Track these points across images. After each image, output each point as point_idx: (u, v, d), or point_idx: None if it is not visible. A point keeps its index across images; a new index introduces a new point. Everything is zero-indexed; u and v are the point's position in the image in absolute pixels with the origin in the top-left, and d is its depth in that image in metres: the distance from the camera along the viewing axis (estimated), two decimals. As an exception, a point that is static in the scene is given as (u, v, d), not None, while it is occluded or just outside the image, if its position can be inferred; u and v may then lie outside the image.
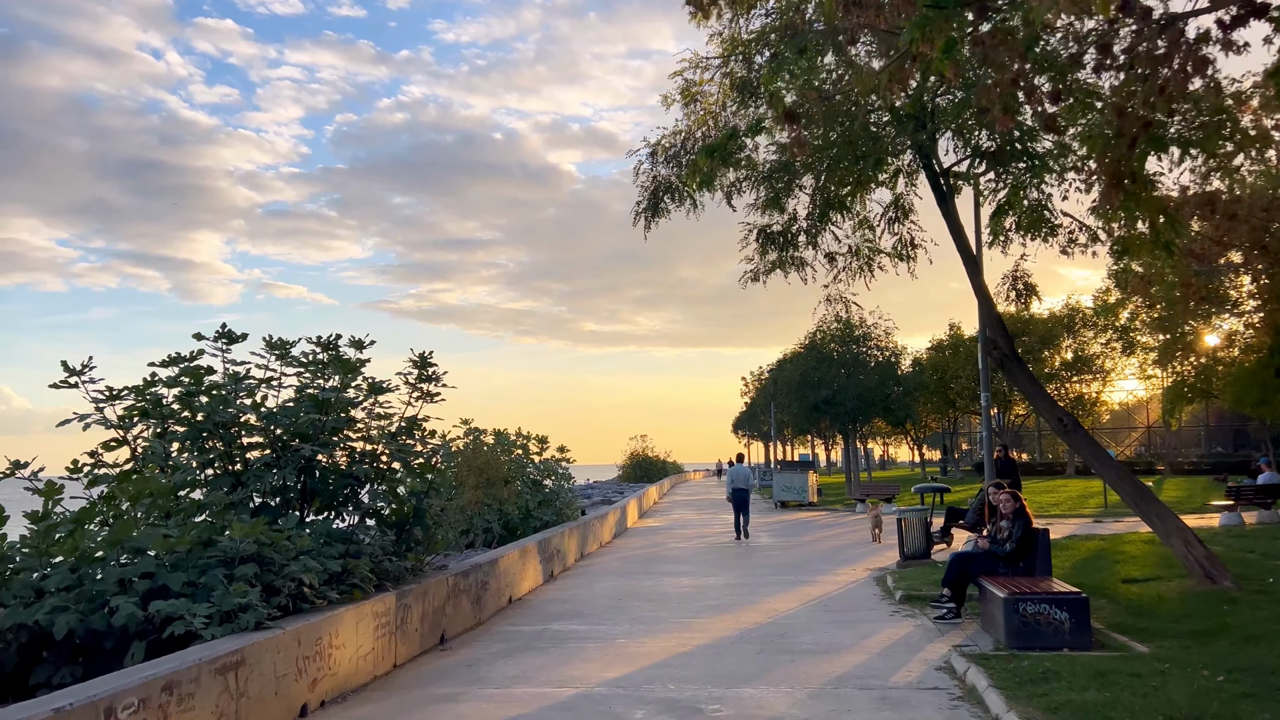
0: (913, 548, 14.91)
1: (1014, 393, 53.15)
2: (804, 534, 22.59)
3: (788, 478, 33.71)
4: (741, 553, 18.42)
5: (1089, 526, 21.34)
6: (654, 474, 64.96)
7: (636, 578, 14.76)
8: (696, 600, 12.23)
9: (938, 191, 12.20)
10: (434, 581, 9.61)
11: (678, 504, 40.36)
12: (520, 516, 17.81)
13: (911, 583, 12.54)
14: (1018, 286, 11.99)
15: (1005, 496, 10.30)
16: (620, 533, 23.77)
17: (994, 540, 10.22)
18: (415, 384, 10.21)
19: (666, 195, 12.18)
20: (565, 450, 19.53)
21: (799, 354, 36.24)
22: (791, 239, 12.76)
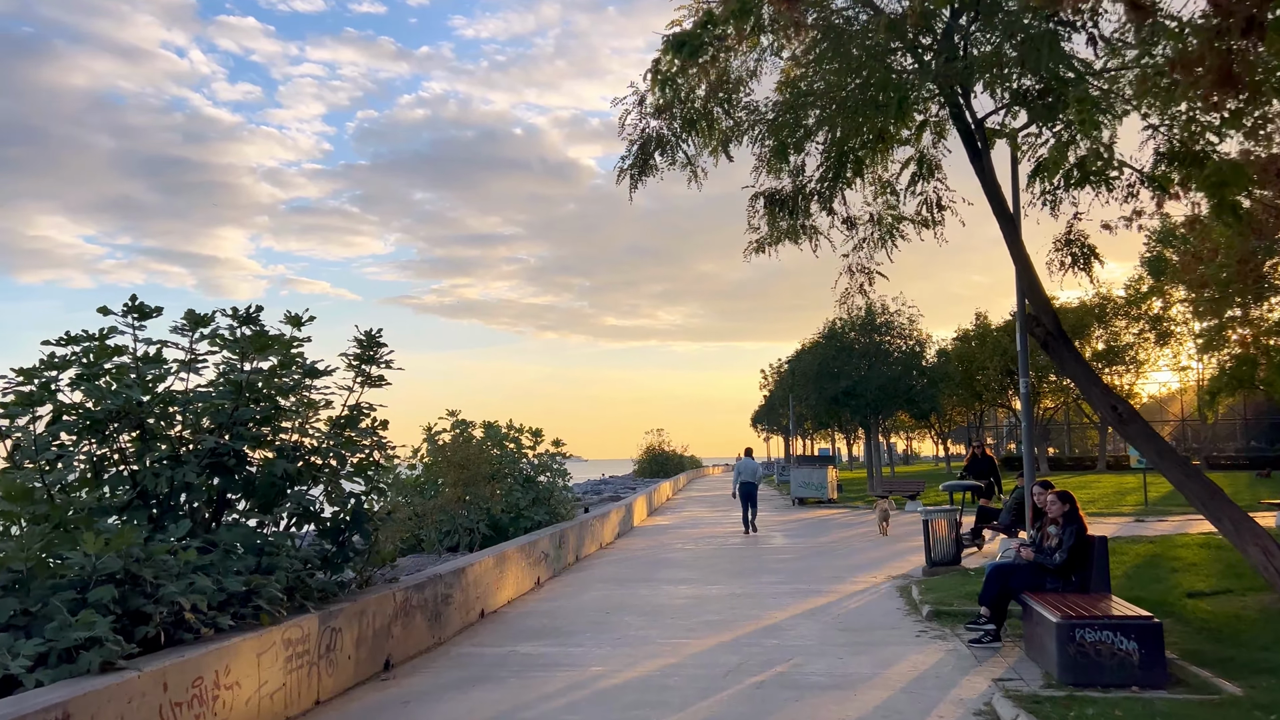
0: (941, 553, 13.32)
1: (1043, 383, 51.31)
2: (821, 534, 21.00)
3: (806, 473, 32.07)
4: (750, 555, 16.88)
5: (1131, 526, 19.64)
6: (670, 469, 63.39)
7: (631, 586, 13.27)
8: (694, 614, 10.71)
9: (970, 146, 10.57)
10: (376, 598, 8.15)
11: (691, 500, 38.84)
12: (510, 517, 16.35)
13: (940, 594, 10.97)
14: (1074, 250, 10.32)
15: (1053, 497, 8.71)
16: (625, 532, 22.29)
17: (1040, 549, 8.63)
18: (359, 366, 8.75)
19: (657, 151, 10.63)
20: (561, 444, 18.04)
21: (818, 343, 34.53)
22: (803, 202, 11.17)
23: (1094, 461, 54.90)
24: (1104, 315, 51.06)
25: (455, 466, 14.82)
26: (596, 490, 45.85)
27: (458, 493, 14.58)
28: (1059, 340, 10.29)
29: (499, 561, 11.71)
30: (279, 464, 7.81)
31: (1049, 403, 54.55)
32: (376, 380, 8.77)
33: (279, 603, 6.76)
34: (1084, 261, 10.54)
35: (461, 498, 14.61)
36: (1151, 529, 18.92)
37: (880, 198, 12.45)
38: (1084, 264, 10.54)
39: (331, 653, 7.33)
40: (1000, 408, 57.80)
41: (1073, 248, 10.53)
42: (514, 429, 17.78)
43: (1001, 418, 71.72)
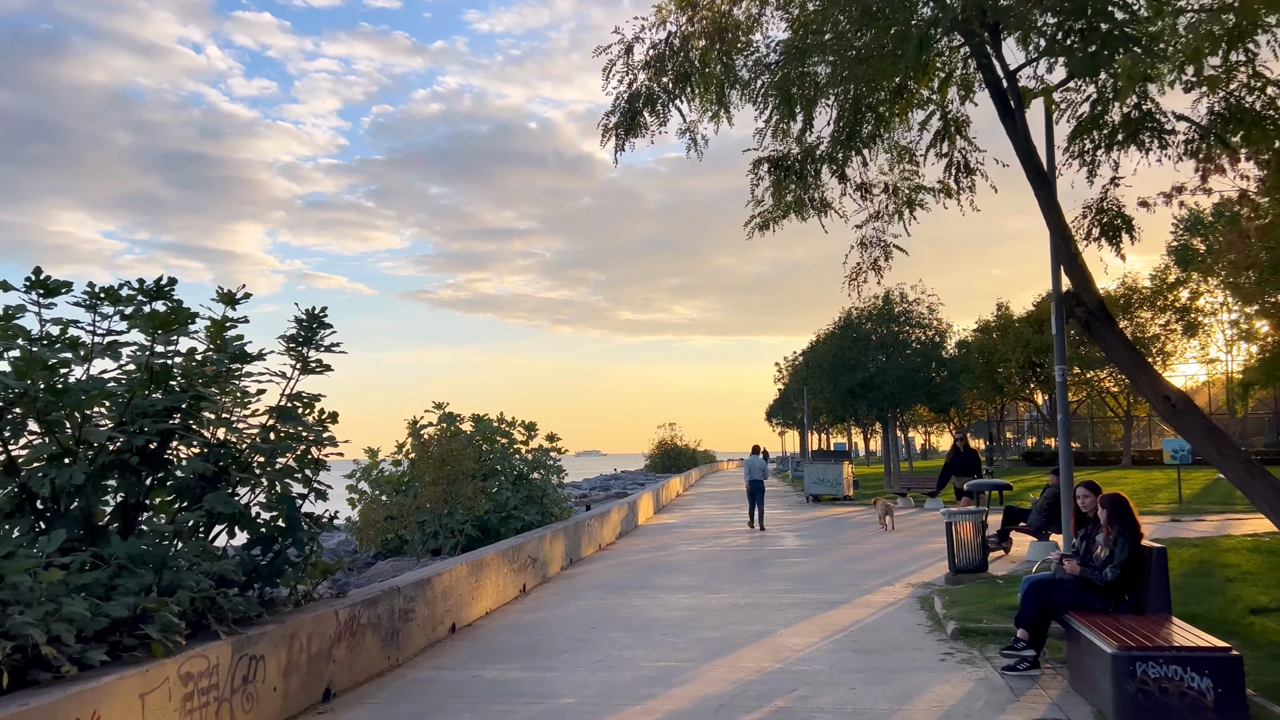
0: (966, 559, 12.10)
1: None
2: (835, 535, 19.78)
3: (820, 469, 30.80)
4: (758, 558, 15.70)
5: (1168, 527, 18.31)
6: (683, 464, 62.24)
7: (625, 594, 12.12)
8: (689, 630, 9.55)
9: (1000, 103, 9.33)
10: (312, 617, 7.03)
11: (703, 496, 37.66)
12: (499, 517, 15.24)
13: (967, 608, 9.75)
14: (1103, 220, 9.05)
15: (1101, 501, 7.49)
16: (627, 531, 21.14)
17: (1086, 562, 7.42)
18: (298, 351, 7.62)
19: (647, 108, 9.44)
20: (556, 439, 16.90)
21: (833, 334, 33.18)
22: (812, 167, 9.95)
23: (1118, 457, 53.32)
24: (1129, 306, 49.48)
25: (435, 463, 13.70)
26: (605, 486, 44.82)
27: (437, 492, 13.47)
28: (1103, 321, 9.05)
29: (475, 569, 10.58)
30: (194, 463, 6.70)
31: (1071, 396, 53.00)
32: (316, 366, 7.65)
33: (175, 629, 5.63)
34: (1115, 233, 9.25)
35: (441, 497, 13.50)
36: (1190, 529, 17.62)
37: (898, 166, 11.25)
38: (1115, 235, 9.25)
39: (250, 685, 6.20)
40: (1023, 401, 56.29)
41: (1104, 216, 9.24)
42: (505, 423, 16.66)
43: (1023, 412, 70.11)
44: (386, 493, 15.17)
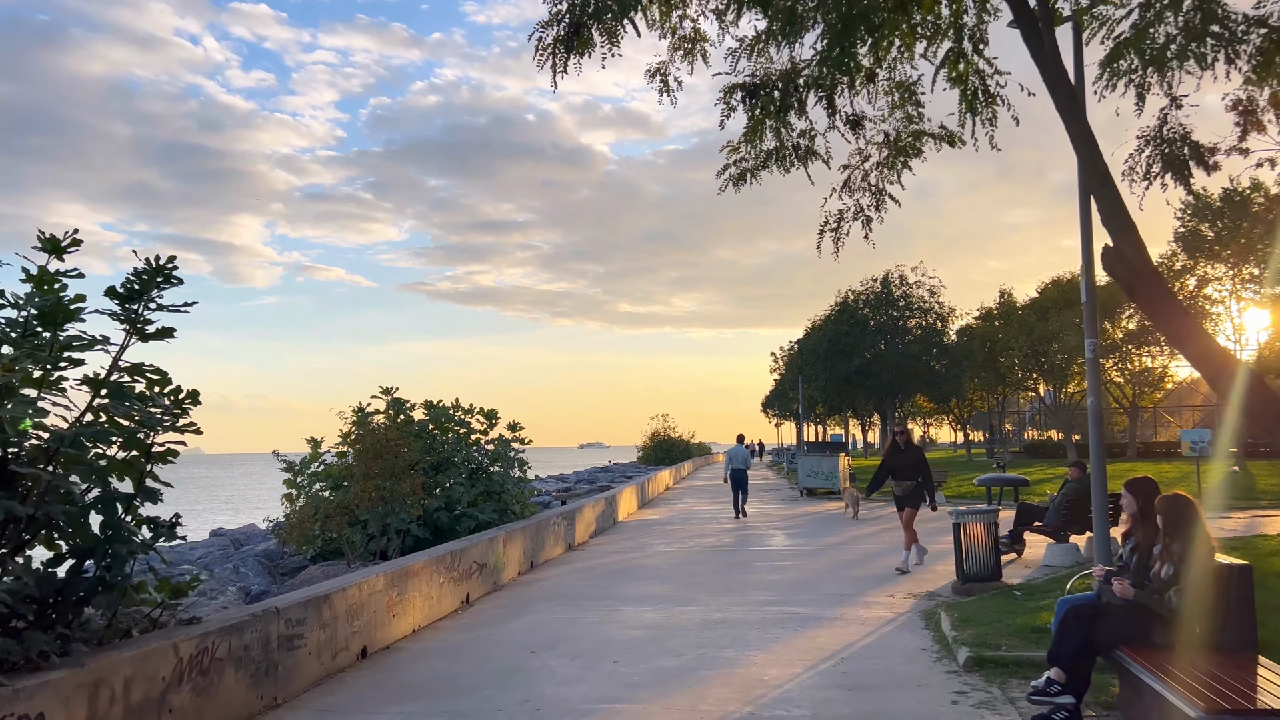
0: (976, 566, 10.46)
1: (1070, 366, 48.19)
2: (828, 533, 18.15)
3: (814, 461, 29.15)
4: (741, 560, 14.05)
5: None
6: (676, 456, 60.47)
7: (582, 606, 10.48)
8: (647, 655, 7.92)
9: (1024, 23, 7.67)
10: (131, 656, 5.37)
11: (692, 490, 36.02)
12: (450, 516, 13.59)
13: (981, 629, 8.11)
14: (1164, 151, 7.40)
15: (1157, 504, 5.85)
16: (604, 529, 19.51)
17: (1140, 581, 5.78)
18: (130, 310, 5.96)
19: (593, 22, 7.76)
20: (519, 429, 15.24)
21: (828, 318, 31.43)
22: (796, 95, 8.29)
23: (1123, 449, 51.71)
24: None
25: (368, 456, 12.05)
26: (592, 479, 43.14)
27: (369, 488, 11.81)
28: (1151, 281, 7.39)
29: (397, 580, 8.92)
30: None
31: (1074, 386, 51.41)
32: (155, 330, 5.98)
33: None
34: (1180, 165, 7.58)
35: (374, 494, 11.84)
36: (1218, 528, 16.00)
37: (897, 111, 9.60)
38: (1181, 168, 7.59)
39: (20, 756, 4.56)
40: (1026, 391, 54.72)
41: (1166, 146, 7.57)
42: (462, 410, 15.00)
43: (1024, 403, 68.55)
44: (328, 488, 13.52)
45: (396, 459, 12.03)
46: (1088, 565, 11.98)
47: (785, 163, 9.61)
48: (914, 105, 9.49)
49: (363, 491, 11.70)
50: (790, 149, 9.56)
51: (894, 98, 9.49)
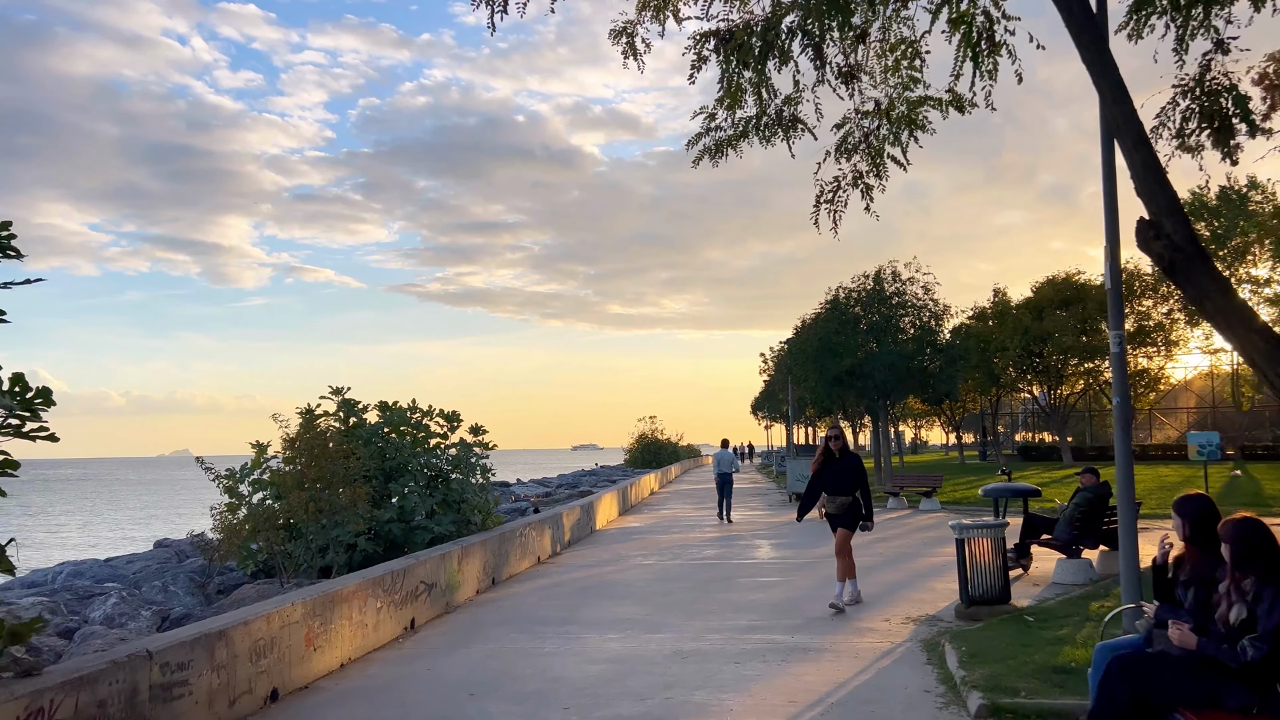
0: (983, 586, 9.32)
1: (1065, 367, 47.17)
2: (818, 543, 16.99)
3: (804, 465, 27.89)
4: (722, 575, 12.89)
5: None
6: (664, 459, 59.38)
7: (540, 633, 9.31)
8: (603, 701, 6.75)
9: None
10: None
11: (677, 495, 34.85)
12: (403, 528, 12.39)
13: (993, 667, 6.95)
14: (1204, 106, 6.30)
15: (1223, 531, 4.72)
16: (580, 539, 18.34)
17: (1203, 626, 4.64)
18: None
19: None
20: (482, 432, 14.04)
21: (819, 316, 30.30)
22: (779, 44, 7.15)
23: (1118, 451, 50.78)
24: (1131, 293, 46.95)
25: (303, 462, 10.85)
26: (574, 483, 41.95)
27: (302, 498, 10.62)
28: (1195, 259, 6.25)
29: (319, 607, 7.73)
30: None
31: (1068, 388, 50.40)
32: (-30, 311, 4.81)
33: None
34: (1223, 123, 6.46)
35: (307, 505, 10.65)
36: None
37: (894, 74, 8.48)
38: (1224, 126, 6.47)
39: None
40: (1021, 392, 53.72)
41: (1208, 100, 6.45)
42: (420, 411, 13.80)
43: (1018, 404, 67.56)
44: (272, 497, 12.31)
45: (336, 466, 10.84)
46: (1103, 583, 10.86)
47: (768, 132, 8.48)
48: (913, 67, 8.38)
49: (295, 503, 10.51)
50: (774, 116, 8.43)
51: (888, 60, 8.39)
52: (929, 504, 23.40)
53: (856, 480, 10.20)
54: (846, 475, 10.18)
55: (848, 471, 10.20)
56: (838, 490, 10.18)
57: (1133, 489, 7.76)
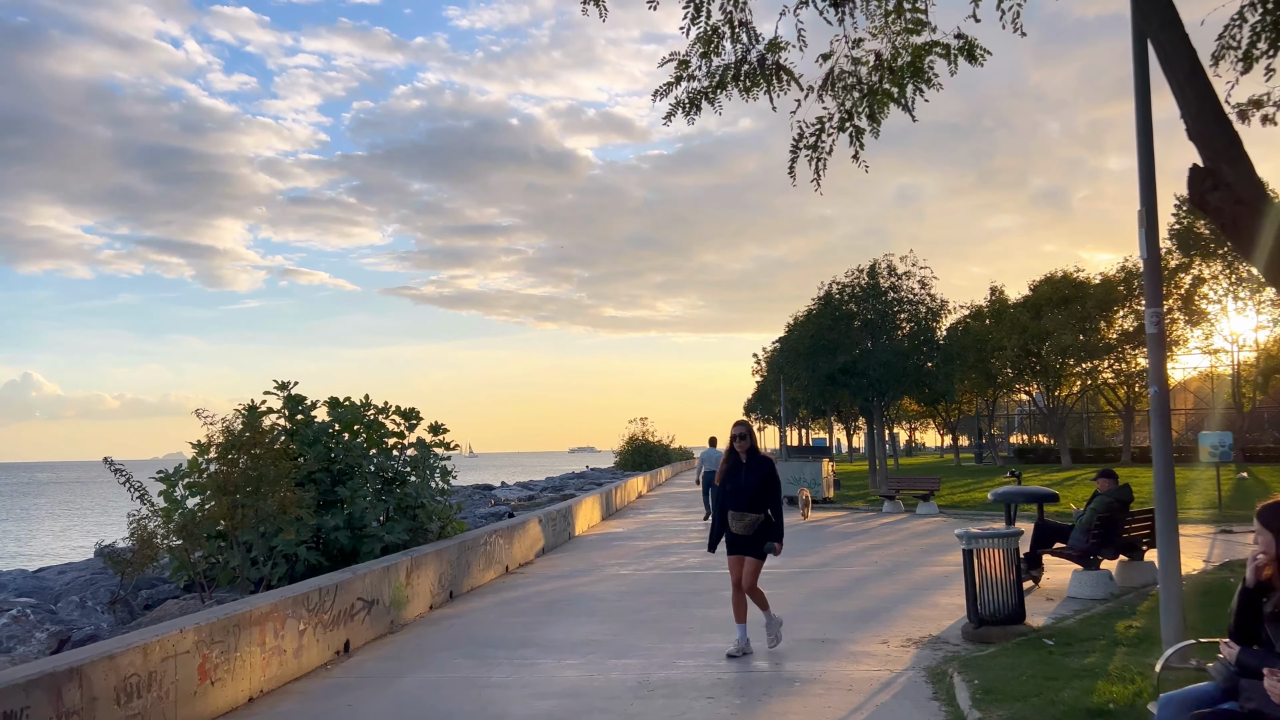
0: (994, 604, 8.19)
1: (1064, 368, 46.10)
2: (809, 551, 15.89)
3: (796, 467, 26.86)
4: (703, 589, 11.75)
5: (1227, 545, 14.57)
6: (655, 460, 58.27)
7: (491, 658, 8.16)
8: (546, 749, 5.60)
9: None
10: None
11: (665, 498, 33.71)
12: (349, 536, 11.23)
13: (1014, 707, 5.82)
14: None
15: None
16: (555, 545, 17.20)
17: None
18: None
19: None
20: (442, 431, 12.90)
21: (811, 313, 29.14)
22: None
23: (1117, 453, 49.79)
24: (1130, 292, 45.97)
25: (227, 464, 9.69)
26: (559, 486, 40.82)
27: (224, 504, 9.47)
28: (1259, 212, 5.15)
29: (219, 632, 6.57)
30: None
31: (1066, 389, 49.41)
32: None
33: None
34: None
35: (229, 513, 9.50)
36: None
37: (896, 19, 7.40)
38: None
39: None
40: (1018, 393, 52.70)
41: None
42: (374, 408, 12.65)
43: (1014, 406, 66.58)
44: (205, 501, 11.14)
45: (264, 468, 9.68)
46: (1126, 598, 9.74)
47: (749, 82, 7.37)
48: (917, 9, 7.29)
49: (217, 510, 9.37)
50: (755, 64, 7.32)
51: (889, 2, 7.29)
52: (926, 508, 22.30)
53: (769, 492, 7.84)
54: (756, 486, 7.78)
55: (757, 481, 7.79)
56: (745, 505, 7.77)
57: (1173, 493, 6.66)
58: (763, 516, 7.83)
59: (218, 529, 10.40)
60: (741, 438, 7.91)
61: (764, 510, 7.83)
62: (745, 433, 7.95)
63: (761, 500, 7.81)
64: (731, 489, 7.88)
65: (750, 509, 7.80)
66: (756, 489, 7.80)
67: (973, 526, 9.32)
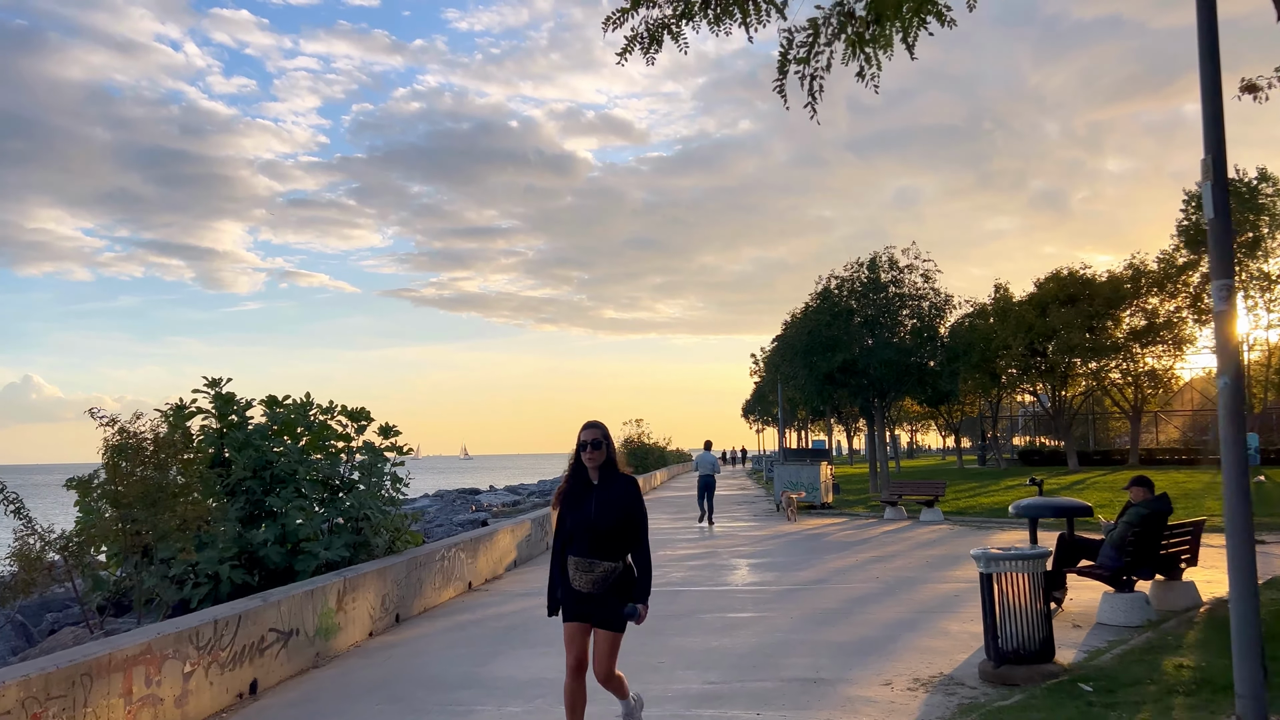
0: (1018, 638, 6.89)
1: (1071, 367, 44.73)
2: (804, 564, 14.59)
3: (792, 471, 25.56)
4: (682, 613, 10.44)
5: (1269, 560, 13.25)
6: (650, 463, 56.93)
7: (421, 707, 6.87)
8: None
9: None
10: None
11: (660, 503, 32.40)
12: (280, 552, 9.93)
13: (1055, 787, 4.51)
14: None
15: None
16: (530, 556, 15.90)
17: None
18: None
19: None
20: (393, 434, 11.61)
21: (809, 308, 27.78)
22: None
23: (1123, 455, 48.49)
24: (1138, 290, 44.69)
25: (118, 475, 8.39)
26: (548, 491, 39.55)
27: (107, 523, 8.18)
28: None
29: (60, 684, 5.28)
30: None
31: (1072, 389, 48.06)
32: None
33: None
34: None
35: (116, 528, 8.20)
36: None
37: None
38: None
39: None
40: (1025, 393, 51.37)
41: None
42: (318, 408, 11.37)
43: (1017, 407, 65.22)
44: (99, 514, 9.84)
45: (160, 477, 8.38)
46: (1168, 625, 8.43)
47: (719, 10, 6.07)
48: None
49: (101, 526, 8.08)
50: None
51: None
52: (930, 514, 20.98)
53: (630, 526, 5.25)
54: (611, 518, 5.18)
55: (614, 511, 5.19)
56: (592, 547, 5.17)
57: (1248, 505, 5.37)
58: (620, 565, 5.18)
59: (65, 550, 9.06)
60: (595, 446, 5.20)
61: (621, 556, 5.20)
62: (599, 439, 5.23)
63: (619, 540, 5.17)
64: (575, 523, 5.18)
65: (600, 553, 5.12)
66: (611, 523, 5.14)
67: (988, 543, 8.02)
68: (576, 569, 5.17)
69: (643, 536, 5.29)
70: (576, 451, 5.29)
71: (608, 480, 5.26)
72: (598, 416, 5.47)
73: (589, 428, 5.28)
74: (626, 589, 5.21)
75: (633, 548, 5.25)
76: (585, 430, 5.27)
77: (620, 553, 5.20)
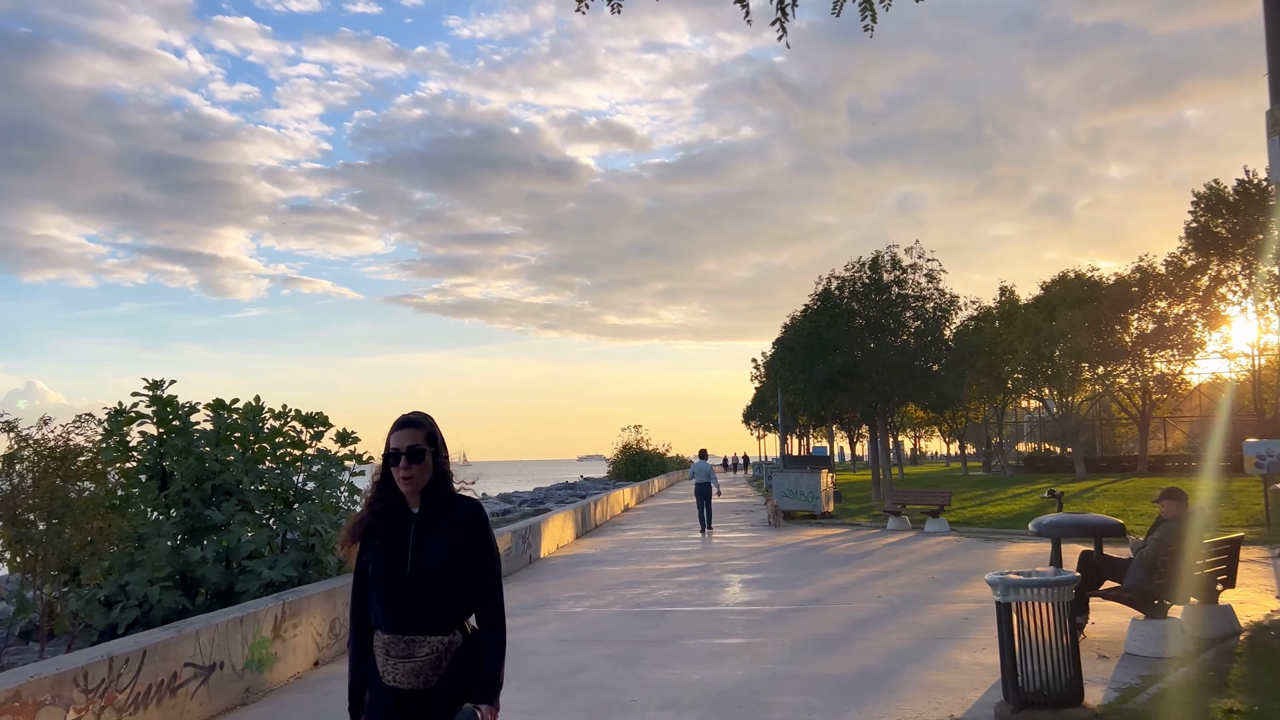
0: (1042, 677, 5.95)
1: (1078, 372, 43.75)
2: (802, 580, 13.63)
3: (791, 479, 24.59)
4: (663, 639, 9.50)
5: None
6: (649, 470, 55.97)
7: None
8: None
9: None
10: None
11: (655, 511, 31.46)
12: (219, 571, 9.01)
13: None
14: None
15: None
16: (513, 570, 14.96)
17: None
18: None
19: None
20: (352, 440, 10.70)
21: (809, 310, 26.82)
22: None
23: (1132, 462, 47.45)
24: (1146, 293, 43.76)
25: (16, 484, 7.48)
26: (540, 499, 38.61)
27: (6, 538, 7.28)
28: None
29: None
30: None
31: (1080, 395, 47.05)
32: None
33: None
34: None
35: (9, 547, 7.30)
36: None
37: None
38: None
39: None
40: (1031, 398, 50.39)
41: None
42: (270, 413, 10.45)
43: (1022, 413, 64.18)
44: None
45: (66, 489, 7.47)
46: (1209, 657, 7.48)
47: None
48: None
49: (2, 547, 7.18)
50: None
51: None
52: (936, 525, 20.01)
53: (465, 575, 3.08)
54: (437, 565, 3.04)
55: (440, 551, 3.06)
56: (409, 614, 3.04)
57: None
58: (456, 639, 3.07)
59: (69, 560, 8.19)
60: (413, 457, 3.10)
61: (457, 625, 3.09)
62: (420, 446, 3.13)
63: (451, 601, 3.07)
64: (383, 575, 3.09)
65: (423, 624, 3.04)
66: (440, 574, 3.04)
67: (999, 557, 7.07)
68: (388, 653, 3.05)
69: (494, 593, 3.11)
70: (384, 464, 3.19)
71: (435, 507, 3.14)
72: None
73: (405, 426, 3.16)
74: (463, 675, 3.03)
75: (476, 610, 3.11)
76: (398, 431, 3.15)
77: (455, 619, 3.07)
